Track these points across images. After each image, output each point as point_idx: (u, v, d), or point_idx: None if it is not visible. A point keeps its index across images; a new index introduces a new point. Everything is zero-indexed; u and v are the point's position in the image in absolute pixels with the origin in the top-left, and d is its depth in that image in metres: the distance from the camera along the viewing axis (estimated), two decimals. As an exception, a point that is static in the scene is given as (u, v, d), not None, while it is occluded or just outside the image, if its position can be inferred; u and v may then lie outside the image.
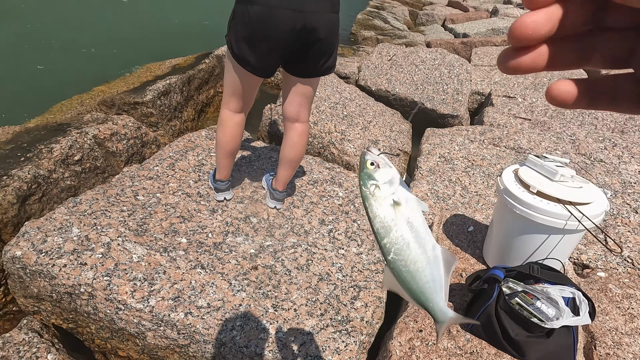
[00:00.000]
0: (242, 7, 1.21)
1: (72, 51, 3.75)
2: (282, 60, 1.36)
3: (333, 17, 1.29)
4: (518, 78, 3.85)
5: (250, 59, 1.29)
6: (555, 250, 1.14)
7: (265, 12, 1.18)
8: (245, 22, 1.22)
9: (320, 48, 1.31)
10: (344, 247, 1.59)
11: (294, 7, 1.18)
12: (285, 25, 1.20)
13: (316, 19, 1.23)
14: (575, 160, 2.14)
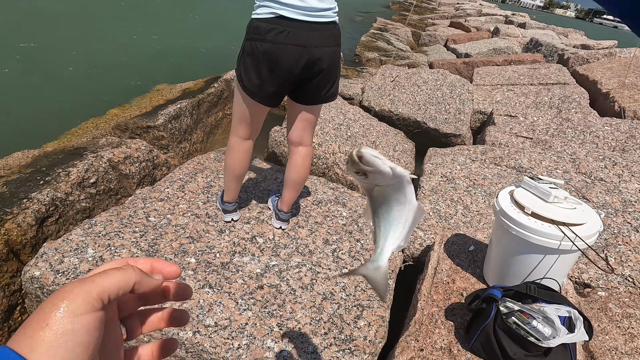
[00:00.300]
0: (252, 43, 1.31)
1: (86, 76, 3.94)
2: (288, 90, 1.44)
3: (335, 49, 1.38)
4: (519, 97, 3.92)
5: (259, 91, 1.38)
6: (552, 269, 1.17)
7: (273, 48, 1.28)
8: (254, 58, 1.32)
9: (324, 78, 1.40)
10: (347, 267, 1.63)
11: (298, 43, 1.28)
12: (291, 59, 1.29)
13: (319, 52, 1.32)
14: (575, 179, 2.17)
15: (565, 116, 3.26)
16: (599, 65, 4.55)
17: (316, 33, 1.30)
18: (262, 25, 1.28)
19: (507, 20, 11.51)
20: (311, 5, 1.27)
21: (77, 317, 0.25)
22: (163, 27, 6.62)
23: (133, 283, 0.29)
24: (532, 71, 4.52)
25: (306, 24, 1.28)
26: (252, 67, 1.34)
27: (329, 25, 1.34)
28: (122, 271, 0.29)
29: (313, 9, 1.28)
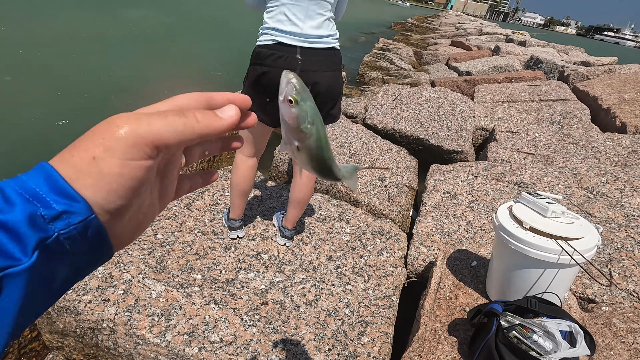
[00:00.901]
0: (254, 67, 1.41)
1: (95, 97, 4.08)
2: None
3: (334, 74, 1.45)
4: (521, 114, 3.97)
5: (260, 112, 1.45)
6: (553, 284, 1.19)
7: (272, 72, 1.36)
8: (255, 81, 1.41)
9: (322, 101, 1.47)
10: (351, 283, 1.65)
11: (296, 68, 1.35)
12: None
13: (317, 77, 1.39)
14: (577, 194, 2.19)
15: (567, 132, 3.29)
16: (599, 82, 4.61)
17: (314, 58, 1.38)
18: (263, 51, 1.38)
19: (508, 38, 11.72)
20: (309, 32, 1.35)
21: (126, 162, 0.23)
22: (172, 51, 6.86)
23: (193, 138, 0.25)
24: (533, 88, 4.59)
25: (304, 49, 1.36)
26: (254, 90, 1.43)
27: (327, 51, 1.41)
28: (185, 121, 0.25)
29: (311, 35, 1.36)
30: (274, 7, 1.37)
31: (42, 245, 0.21)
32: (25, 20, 6.94)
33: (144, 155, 0.24)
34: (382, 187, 2.55)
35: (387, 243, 1.96)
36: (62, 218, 0.22)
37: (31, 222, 0.21)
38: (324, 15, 1.38)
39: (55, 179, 0.22)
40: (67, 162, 0.23)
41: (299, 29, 1.34)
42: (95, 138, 0.23)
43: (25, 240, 0.20)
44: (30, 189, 0.21)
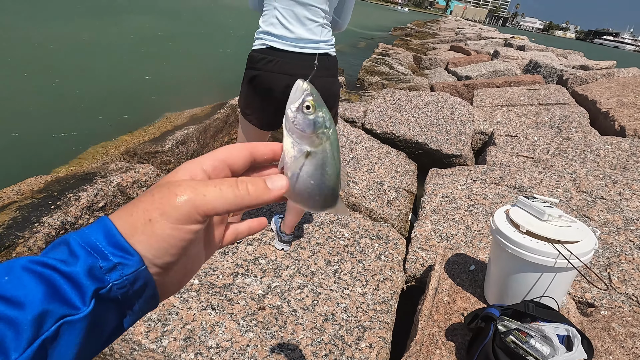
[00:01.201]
0: (247, 72, 1.42)
1: (97, 103, 4.10)
2: (279, 117, 1.51)
3: (327, 80, 1.45)
4: (520, 117, 3.98)
5: (253, 115, 1.47)
6: (550, 288, 1.18)
7: (262, 75, 1.37)
8: (249, 85, 1.42)
9: None
10: (349, 288, 1.64)
11: (285, 72, 1.36)
12: (279, 86, 1.38)
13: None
14: (576, 198, 2.18)
15: (566, 135, 3.29)
16: (598, 85, 4.61)
17: (306, 63, 1.38)
18: (255, 55, 1.39)
19: (507, 43, 11.77)
20: (301, 36, 1.35)
21: (177, 226, 0.25)
22: (172, 55, 6.90)
23: (242, 208, 0.28)
24: (532, 92, 4.60)
25: (295, 54, 1.37)
26: (248, 94, 1.44)
27: (322, 57, 1.41)
28: (237, 193, 0.27)
29: (303, 40, 1.36)
30: (267, 11, 1.38)
31: (97, 295, 0.24)
32: (41, 25, 7.00)
33: (195, 221, 0.26)
34: (380, 191, 2.55)
35: (386, 247, 1.96)
36: (117, 269, 0.24)
37: (90, 273, 0.23)
38: (316, 21, 1.38)
39: (113, 233, 0.25)
40: (125, 219, 0.26)
41: (290, 33, 1.34)
42: (154, 201, 0.26)
43: (85, 289, 0.23)
44: (92, 243, 0.24)
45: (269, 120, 1.50)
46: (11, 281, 0.22)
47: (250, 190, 0.28)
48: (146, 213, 0.25)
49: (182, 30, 9.89)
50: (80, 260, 0.23)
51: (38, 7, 9.12)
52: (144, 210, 0.26)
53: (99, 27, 8.28)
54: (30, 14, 8.40)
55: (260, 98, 1.42)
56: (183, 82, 5.40)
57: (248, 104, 1.46)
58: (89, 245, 0.24)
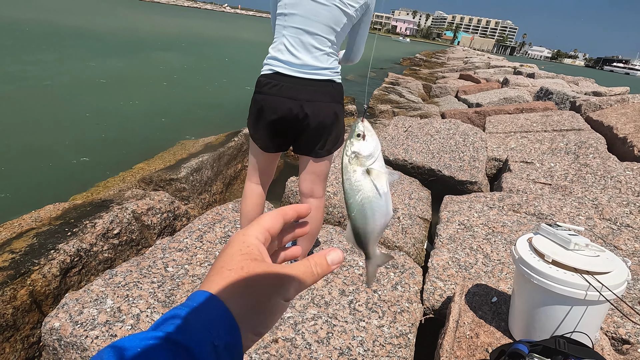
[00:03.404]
0: (254, 96, 1.47)
1: (114, 132, 4.24)
2: (286, 139, 1.53)
3: (331, 106, 1.46)
4: (534, 144, 3.94)
5: (260, 138, 1.50)
6: (582, 323, 1.11)
7: (267, 99, 1.41)
8: (255, 108, 1.46)
9: (316, 132, 1.47)
10: (364, 320, 1.58)
11: (289, 96, 1.39)
12: (282, 110, 1.41)
13: (310, 107, 1.41)
14: (599, 225, 2.10)
15: (584, 161, 3.22)
16: (613, 111, 4.57)
17: (310, 88, 1.41)
18: (262, 79, 1.44)
19: (516, 71, 11.89)
20: (306, 63, 1.39)
21: (286, 304, 0.32)
22: (187, 86, 7.17)
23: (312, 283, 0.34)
24: (545, 118, 4.58)
25: (299, 79, 1.40)
26: (255, 117, 1.48)
27: (324, 82, 1.43)
28: (311, 278, 0.33)
29: (308, 66, 1.40)
30: (276, 39, 1.44)
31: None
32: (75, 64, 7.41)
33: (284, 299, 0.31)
34: (395, 218, 2.50)
35: (402, 277, 1.89)
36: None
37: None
38: (322, 49, 1.41)
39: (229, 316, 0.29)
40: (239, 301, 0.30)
41: (296, 59, 1.38)
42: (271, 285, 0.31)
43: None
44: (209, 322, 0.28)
45: (272, 143, 1.52)
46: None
47: (319, 271, 0.33)
48: (268, 292, 0.30)
49: (200, 63, 10.33)
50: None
51: (69, 47, 9.69)
52: (264, 290, 0.30)
53: (123, 62, 8.72)
54: (61, 51, 8.93)
55: (265, 121, 1.45)
56: (199, 111, 5.57)
57: (255, 127, 1.50)
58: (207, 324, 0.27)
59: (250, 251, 0.32)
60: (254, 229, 0.34)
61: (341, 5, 1.38)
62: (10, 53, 7.70)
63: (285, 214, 0.37)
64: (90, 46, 10.35)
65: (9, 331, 1.43)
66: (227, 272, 0.30)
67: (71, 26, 14.75)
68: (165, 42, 14.21)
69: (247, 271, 0.30)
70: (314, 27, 1.37)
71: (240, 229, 0.35)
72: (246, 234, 0.33)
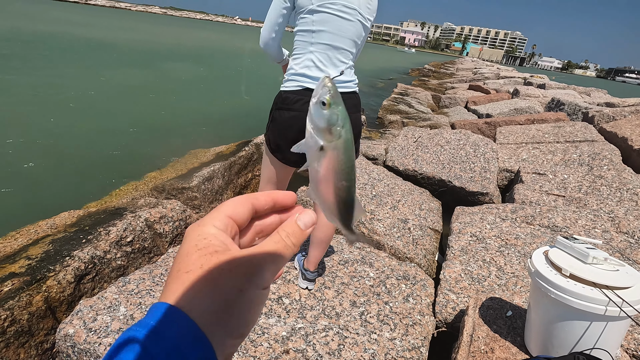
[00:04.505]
0: (280, 112, 1.47)
1: (127, 140, 4.32)
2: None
3: (356, 115, 1.50)
4: (546, 155, 3.89)
5: (283, 153, 1.49)
6: (602, 339, 1.08)
7: (300, 116, 1.41)
8: (282, 124, 1.46)
9: None
10: (376, 332, 1.56)
11: None
12: None
13: None
14: (616, 239, 2.05)
15: (598, 173, 3.17)
16: (627, 122, 4.50)
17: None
18: (291, 96, 1.43)
19: (526, 82, 11.83)
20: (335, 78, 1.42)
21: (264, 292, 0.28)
22: (198, 96, 7.29)
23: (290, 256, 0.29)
24: (557, 129, 4.53)
25: None
26: (280, 133, 1.47)
27: (349, 95, 1.47)
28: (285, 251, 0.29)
29: (336, 81, 1.42)
30: (301, 54, 1.44)
31: None
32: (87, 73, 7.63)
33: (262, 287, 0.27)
34: (405, 229, 2.49)
35: (413, 289, 1.87)
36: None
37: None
38: (346, 63, 1.46)
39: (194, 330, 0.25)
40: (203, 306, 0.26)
41: (324, 74, 1.40)
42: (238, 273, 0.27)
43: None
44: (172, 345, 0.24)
45: (296, 157, 1.53)
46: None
47: (293, 241, 0.29)
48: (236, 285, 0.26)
49: (212, 73, 10.52)
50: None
51: (91, 57, 9.97)
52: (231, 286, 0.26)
53: (139, 73, 8.93)
54: (81, 62, 9.19)
55: (292, 136, 1.46)
56: (210, 120, 5.65)
57: (278, 143, 1.50)
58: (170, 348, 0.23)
59: (208, 244, 0.27)
60: (212, 216, 0.29)
61: (362, 20, 1.42)
62: (31, 64, 7.96)
63: (256, 199, 0.31)
64: (107, 58, 10.64)
65: (24, 337, 1.45)
66: (185, 275, 0.26)
67: (92, 38, 15.21)
68: (178, 53, 14.54)
69: (208, 268, 0.26)
70: (341, 42, 1.41)
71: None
72: (202, 223, 0.29)
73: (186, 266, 0.26)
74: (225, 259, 0.26)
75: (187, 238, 0.28)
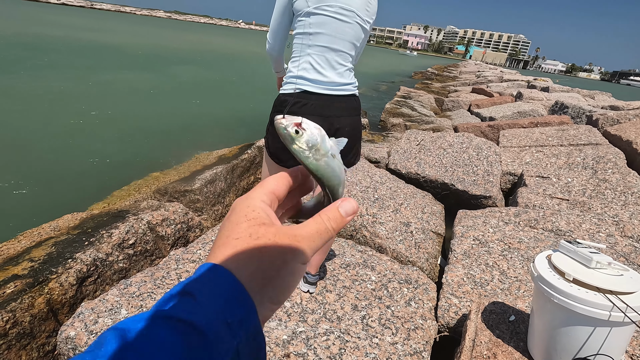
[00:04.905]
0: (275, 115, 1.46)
1: (130, 143, 4.34)
2: None
3: (355, 119, 1.49)
4: (550, 158, 3.87)
5: (283, 156, 1.49)
6: (605, 345, 1.06)
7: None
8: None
9: (346, 146, 1.48)
10: (377, 336, 1.55)
11: (319, 114, 1.40)
12: None
13: (339, 122, 1.43)
14: (621, 243, 2.03)
15: (602, 177, 3.15)
16: (632, 125, 4.47)
17: (337, 104, 1.43)
18: (289, 99, 1.43)
19: (530, 85, 11.79)
20: (332, 80, 1.41)
21: (302, 266, 0.30)
22: (202, 99, 7.33)
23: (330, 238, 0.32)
24: (561, 132, 4.51)
25: (327, 97, 1.42)
26: (276, 136, 1.47)
27: (348, 98, 1.46)
28: (328, 232, 0.31)
29: (334, 83, 1.42)
30: (299, 57, 1.44)
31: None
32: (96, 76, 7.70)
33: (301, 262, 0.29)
34: (407, 232, 2.48)
35: (415, 293, 1.86)
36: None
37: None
38: (345, 65, 1.45)
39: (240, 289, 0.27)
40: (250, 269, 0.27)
41: (323, 77, 1.40)
42: (285, 244, 0.29)
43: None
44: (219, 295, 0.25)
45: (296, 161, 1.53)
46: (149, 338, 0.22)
47: (333, 225, 0.31)
48: (281, 255, 0.27)
49: (216, 77, 10.57)
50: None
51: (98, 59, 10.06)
52: (277, 256, 0.27)
53: (144, 75, 8.99)
54: (87, 64, 9.27)
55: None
56: (213, 123, 5.67)
57: (277, 146, 1.49)
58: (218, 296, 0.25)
59: (256, 215, 0.29)
60: (259, 191, 0.31)
61: (361, 22, 1.41)
62: (44, 64, 8.04)
63: (289, 176, 0.35)
64: (110, 60, 10.73)
65: (25, 339, 1.45)
66: (234, 241, 0.27)
67: (94, 41, 15.35)
68: (183, 57, 14.63)
69: (257, 237, 0.27)
70: (339, 44, 1.40)
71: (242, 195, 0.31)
72: (250, 197, 0.31)
73: (236, 233, 0.28)
74: (273, 231, 0.28)
75: (236, 209, 0.30)
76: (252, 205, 0.30)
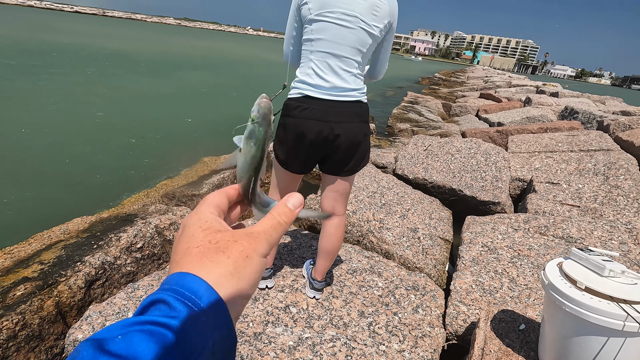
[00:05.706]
0: (283, 119, 1.48)
1: (140, 147, 4.39)
2: (314, 160, 1.54)
3: (358, 126, 1.47)
4: (560, 164, 3.82)
5: (288, 160, 1.50)
6: (620, 356, 1.03)
7: (297, 122, 1.42)
8: (283, 131, 1.47)
9: (347, 152, 1.48)
10: (384, 343, 1.53)
11: (319, 119, 1.41)
12: (313, 133, 1.42)
13: (340, 128, 1.43)
14: (634, 251, 1.99)
15: (614, 183, 3.09)
16: (644, 131, 4.39)
17: (339, 110, 1.42)
18: (291, 103, 1.45)
19: (539, 90, 11.69)
20: (335, 85, 1.41)
21: (263, 259, 0.32)
22: (209, 103, 7.40)
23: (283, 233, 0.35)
24: (571, 138, 4.45)
25: (329, 102, 1.42)
26: (282, 140, 1.48)
27: (352, 104, 1.45)
28: (282, 226, 0.33)
29: (337, 88, 1.42)
30: (304, 63, 1.46)
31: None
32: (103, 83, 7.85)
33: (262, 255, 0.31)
34: (415, 238, 2.46)
35: (423, 299, 1.84)
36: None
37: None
38: (349, 71, 1.44)
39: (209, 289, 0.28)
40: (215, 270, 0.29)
41: (325, 82, 1.40)
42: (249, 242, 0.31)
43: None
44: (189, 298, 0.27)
45: (301, 165, 1.53)
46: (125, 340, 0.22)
47: (285, 219, 0.34)
48: (243, 252, 0.29)
49: (224, 82, 10.69)
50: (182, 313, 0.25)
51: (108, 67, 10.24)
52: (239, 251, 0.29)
53: (154, 82, 9.13)
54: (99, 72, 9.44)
55: (294, 144, 1.46)
56: (222, 129, 5.72)
57: (281, 149, 1.51)
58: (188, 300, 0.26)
59: (210, 225, 0.31)
60: (205, 206, 0.34)
61: (366, 27, 1.40)
62: (50, 70, 8.21)
63: (227, 192, 0.38)
64: (121, 66, 10.92)
65: (34, 341, 1.47)
66: (195, 249, 0.29)
67: (105, 47, 15.66)
68: (193, 63, 14.84)
69: (216, 242, 0.29)
70: (341, 50, 1.40)
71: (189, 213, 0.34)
72: (198, 211, 0.33)
73: (195, 243, 0.29)
74: (230, 234, 0.30)
75: (188, 223, 0.32)
76: (203, 218, 0.32)
